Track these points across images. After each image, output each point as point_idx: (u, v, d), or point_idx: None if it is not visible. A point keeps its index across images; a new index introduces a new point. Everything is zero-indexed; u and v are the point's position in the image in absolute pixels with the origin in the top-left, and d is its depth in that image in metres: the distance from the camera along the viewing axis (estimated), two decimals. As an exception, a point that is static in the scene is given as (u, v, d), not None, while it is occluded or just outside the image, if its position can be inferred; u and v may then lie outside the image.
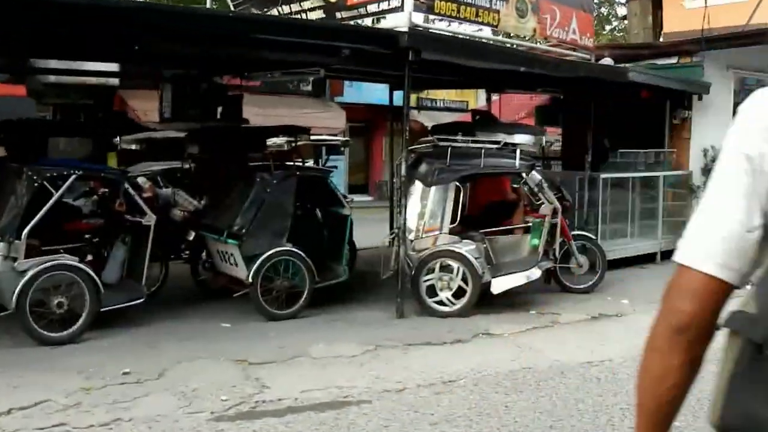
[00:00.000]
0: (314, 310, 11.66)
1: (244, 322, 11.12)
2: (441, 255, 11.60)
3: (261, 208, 11.16)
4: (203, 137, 13.30)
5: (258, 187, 11.23)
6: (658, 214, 16.22)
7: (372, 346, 9.91)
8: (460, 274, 11.53)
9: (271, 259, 11.02)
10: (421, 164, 12.02)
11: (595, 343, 10.31)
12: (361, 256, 15.27)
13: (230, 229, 11.10)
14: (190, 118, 13.35)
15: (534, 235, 12.27)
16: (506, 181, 13.04)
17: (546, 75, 14.10)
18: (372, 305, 12.21)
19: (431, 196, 11.74)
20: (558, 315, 11.85)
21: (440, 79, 15.86)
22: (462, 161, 11.90)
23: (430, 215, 11.71)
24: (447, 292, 11.59)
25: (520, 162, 11.90)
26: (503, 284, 11.77)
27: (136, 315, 10.99)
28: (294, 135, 12.82)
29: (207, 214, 12.03)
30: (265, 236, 11.13)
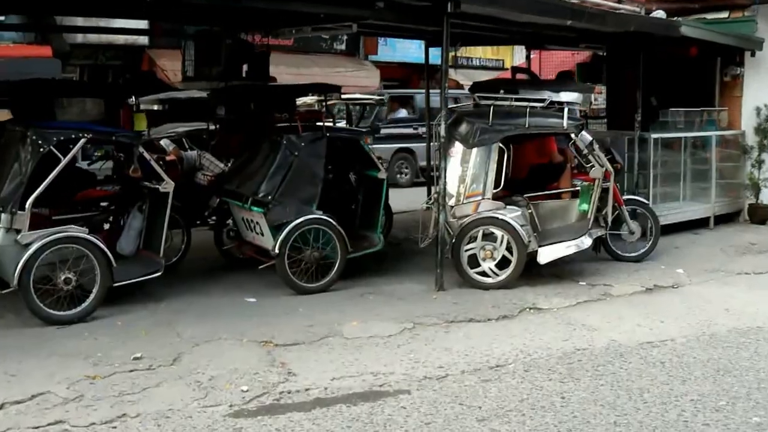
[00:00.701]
0: (347, 283, 10.62)
1: (271, 296, 10.11)
2: (483, 222, 10.50)
3: (288, 173, 10.10)
4: (227, 97, 12.21)
5: (285, 150, 10.16)
6: (710, 176, 14.95)
7: (410, 324, 8.87)
8: (505, 242, 10.44)
9: (299, 228, 9.98)
10: (461, 124, 10.88)
11: (654, 320, 9.22)
12: (397, 220, 14.21)
13: (255, 196, 10.05)
14: (213, 77, 12.29)
15: (583, 200, 11.13)
16: (552, 142, 11.86)
17: (591, 30, 12.91)
18: (409, 277, 11.14)
19: (472, 159, 10.61)
20: (610, 287, 10.73)
21: (478, 34, 14.61)
22: (505, 120, 10.75)
23: (471, 179, 10.59)
24: (490, 262, 10.50)
25: (569, 121, 10.73)
26: (551, 254, 10.66)
27: (155, 289, 10.02)
28: (324, 93, 11.69)
29: (231, 178, 10.96)
30: (293, 203, 10.08)
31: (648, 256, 12.29)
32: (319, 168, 10.32)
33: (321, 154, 10.34)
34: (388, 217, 12.72)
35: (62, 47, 22.81)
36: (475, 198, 10.58)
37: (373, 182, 11.10)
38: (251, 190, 10.15)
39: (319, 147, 10.34)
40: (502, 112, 10.80)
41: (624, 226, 12.04)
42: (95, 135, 9.42)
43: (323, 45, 28.40)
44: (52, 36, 22.56)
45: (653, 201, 13.47)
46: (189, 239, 11.62)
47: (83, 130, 9.27)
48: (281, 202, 9.99)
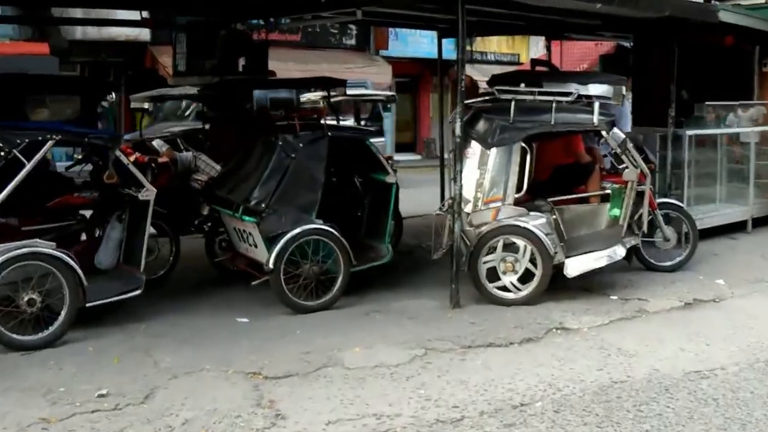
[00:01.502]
0: (351, 299, 9.48)
1: (266, 315, 8.97)
2: (504, 231, 9.34)
3: (284, 178, 8.96)
4: (220, 93, 11.08)
5: (280, 151, 9.02)
6: (749, 176, 13.71)
7: (421, 350, 7.72)
8: (528, 254, 9.29)
9: (296, 239, 8.84)
10: (478, 121, 9.72)
11: (698, 342, 8.08)
12: (408, 226, 13.06)
13: (247, 204, 8.92)
14: (207, 71, 11.19)
15: (614, 205, 9.96)
16: (579, 141, 10.69)
17: (619, 17, 11.76)
18: (421, 291, 9.98)
19: (492, 160, 9.45)
20: (645, 301, 9.56)
21: (495, 23, 13.47)
22: (528, 117, 9.59)
23: (490, 183, 9.43)
24: (512, 275, 9.35)
25: (599, 117, 9.55)
26: (580, 266, 9.50)
27: (137, 307, 8.89)
28: (327, 88, 10.54)
29: (221, 184, 9.82)
30: (290, 212, 8.94)
31: (684, 266, 11.11)
32: (319, 171, 9.17)
33: (321, 155, 9.19)
34: (397, 224, 11.58)
35: (60, 44, 21.87)
36: (495, 204, 9.42)
37: (380, 186, 9.94)
38: (242, 196, 9.02)
39: (320, 148, 9.19)
40: (525, 108, 9.64)
41: (658, 232, 10.88)
42: (65, 137, 8.32)
43: (332, 40, 27.30)
44: (50, 32, 21.65)
45: (687, 203, 12.26)
46: (178, 249, 10.50)
47: (52, 132, 8.16)
48: (276, 210, 8.85)
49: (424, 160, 29.93)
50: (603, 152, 11.25)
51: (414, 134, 33.57)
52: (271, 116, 9.99)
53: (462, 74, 8.99)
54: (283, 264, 8.77)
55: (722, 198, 13.61)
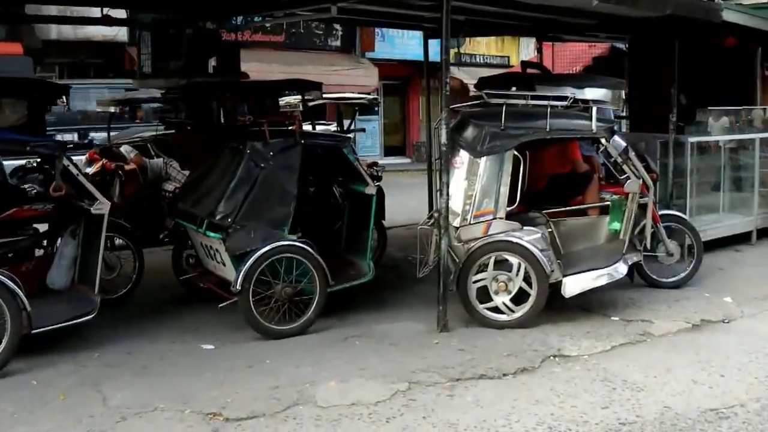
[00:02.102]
0: (329, 321, 8.61)
1: (234, 341, 8.11)
2: (495, 247, 8.49)
3: (252, 189, 8.09)
4: (187, 96, 10.21)
5: (248, 160, 8.15)
6: (753, 185, 12.88)
7: (404, 384, 6.85)
8: (521, 272, 8.44)
9: (267, 257, 7.96)
10: (467, 128, 8.87)
11: (711, 373, 7.25)
12: (395, 236, 12.22)
13: (212, 218, 8.05)
14: (173, 73, 10.31)
15: (614, 217, 9.16)
16: (576, 148, 9.85)
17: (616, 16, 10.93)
18: (405, 313, 9.12)
19: (481, 170, 8.59)
20: (649, 323, 8.73)
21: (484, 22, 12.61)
22: (521, 123, 8.75)
23: (480, 195, 8.57)
24: (504, 295, 8.50)
25: (598, 123, 8.72)
26: (578, 285, 8.65)
27: (93, 330, 8.08)
28: (302, 91, 9.69)
29: (185, 195, 8.94)
30: (259, 227, 8.07)
31: (689, 282, 10.28)
32: (292, 182, 8.29)
33: (294, 165, 8.31)
34: (381, 236, 10.75)
35: (34, 44, 21.02)
36: (485, 217, 8.57)
37: (360, 198, 9.07)
38: (207, 210, 8.14)
39: (292, 156, 8.32)
40: (517, 113, 8.80)
41: (660, 246, 10.02)
42: (4, 145, 7.42)
43: (317, 41, 26.47)
44: (24, 32, 20.77)
45: (689, 214, 11.41)
46: (141, 265, 9.62)
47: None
48: (244, 225, 7.98)
49: (414, 163, 29.21)
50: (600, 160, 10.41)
51: (403, 137, 32.79)
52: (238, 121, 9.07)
53: (447, 76, 8.12)
54: (251, 285, 7.90)
55: (725, 207, 12.76)
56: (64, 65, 23.12)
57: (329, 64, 25.61)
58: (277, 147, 8.25)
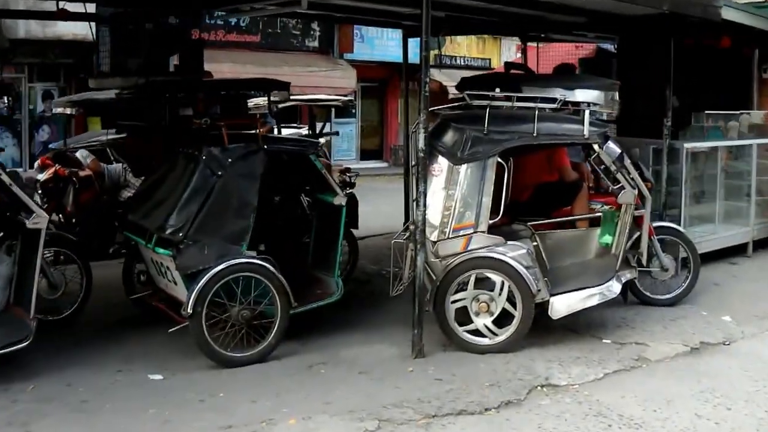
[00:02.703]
0: (292, 346, 7.77)
1: (186, 370, 7.26)
2: (476, 264, 7.69)
3: (207, 200, 7.23)
4: (138, 97, 9.37)
5: (203, 168, 7.29)
6: (750, 193, 12.12)
7: (373, 423, 6.05)
8: (505, 291, 7.64)
9: (222, 277, 7.11)
10: (446, 132, 8.05)
11: (716, 405, 6.56)
12: (369, 246, 11.40)
13: (161, 233, 7.19)
14: (131, 71, 9.47)
15: (605, 230, 8.41)
16: (564, 155, 9.07)
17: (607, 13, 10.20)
18: (377, 335, 8.28)
19: (462, 178, 7.78)
20: (644, 346, 8.00)
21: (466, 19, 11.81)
22: (506, 127, 7.94)
23: (460, 206, 7.75)
24: (486, 317, 7.70)
25: (591, 128, 7.93)
26: (567, 306, 7.87)
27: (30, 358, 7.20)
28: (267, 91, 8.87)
29: (135, 206, 8.08)
30: (214, 243, 7.21)
31: (684, 299, 9.53)
32: (252, 193, 7.43)
33: (255, 173, 7.46)
34: (352, 248, 9.92)
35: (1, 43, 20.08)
36: (466, 231, 7.75)
37: (328, 209, 8.23)
38: (156, 223, 7.29)
39: (253, 163, 7.46)
40: (501, 116, 8.00)
41: (655, 260, 9.23)
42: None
43: (294, 42, 25.62)
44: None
45: (683, 225, 10.65)
46: (89, 282, 8.74)
47: None
48: (197, 241, 7.13)
49: (392, 167, 28.37)
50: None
51: (381, 141, 31.92)
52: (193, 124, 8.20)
53: (427, 75, 7.31)
54: (205, 307, 7.05)
55: (720, 218, 12.00)
56: (33, 65, 22.16)
57: (306, 65, 24.79)
58: (237, 153, 7.39)
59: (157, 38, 9.58)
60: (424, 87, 7.25)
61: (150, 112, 9.22)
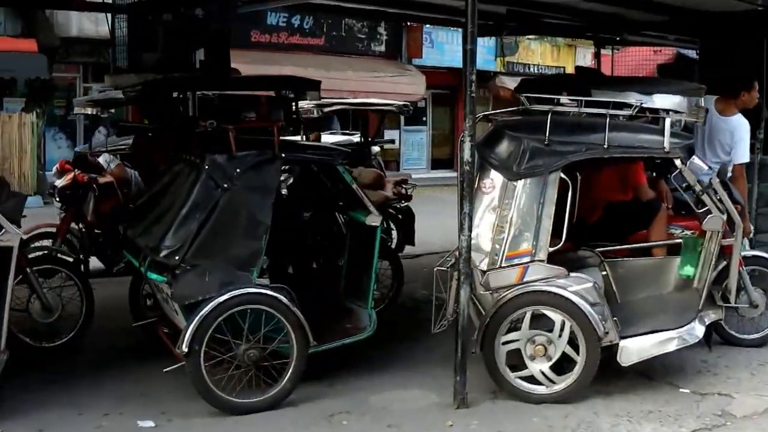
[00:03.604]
0: (312, 388, 6.50)
1: (185, 415, 6.07)
2: (533, 300, 6.36)
3: (210, 217, 6.02)
4: (144, 96, 8.22)
5: (206, 179, 6.07)
6: None
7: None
8: (566, 333, 6.30)
9: (225, 309, 5.88)
10: (500, 141, 6.72)
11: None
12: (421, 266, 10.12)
13: (156, 255, 6.00)
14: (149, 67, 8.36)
15: (687, 260, 6.96)
16: (640, 170, 7.67)
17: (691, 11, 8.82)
18: (416, 377, 6.98)
19: (518, 196, 6.46)
20: (729, 398, 6.61)
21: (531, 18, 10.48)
22: (571, 137, 6.59)
23: (515, 229, 6.43)
24: (543, 362, 6.36)
25: (672, 140, 6.54)
26: (639, 351, 6.48)
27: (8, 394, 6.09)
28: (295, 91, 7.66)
29: (135, 221, 6.89)
30: (217, 268, 5.98)
31: (774, 339, 8.05)
32: (265, 209, 6.17)
33: (268, 185, 6.21)
34: (396, 270, 8.62)
35: (50, 41, 19.36)
36: (521, 259, 6.42)
37: (361, 229, 6.95)
38: (151, 243, 6.10)
39: (266, 174, 6.21)
40: (566, 124, 6.65)
41: (742, 295, 7.72)
42: None
43: (359, 46, 24.46)
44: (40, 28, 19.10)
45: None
46: (91, 305, 7.59)
47: None
48: (195, 265, 5.91)
49: (464, 177, 26.99)
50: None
51: (452, 150, 30.54)
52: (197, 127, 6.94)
53: (472, 72, 6.00)
54: (203, 345, 5.83)
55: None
56: (88, 64, 21.42)
57: (372, 70, 23.63)
58: (247, 162, 6.14)
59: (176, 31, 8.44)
60: (470, 86, 5.94)
61: (155, 112, 8.07)
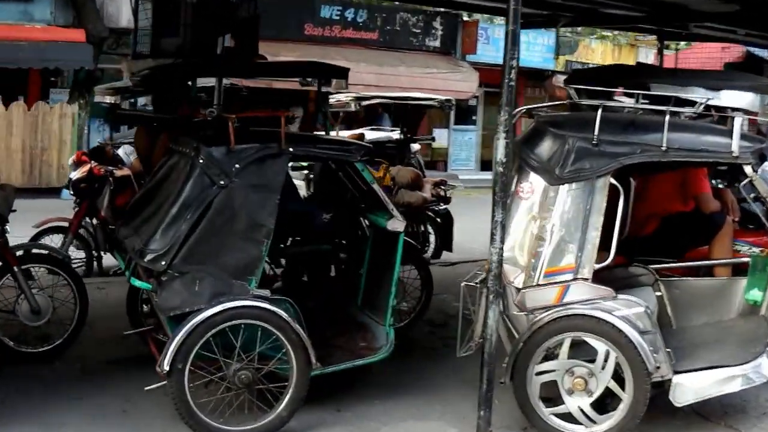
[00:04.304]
0: (317, 413, 5.66)
1: (165, 443, 5.24)
2: (574, 324, 5.41)
3: (203, 218, 5.18)
4: (149, 83, 7.46)
5: (200, 174, 5.23)
6: None
7: None
8: (610, 365, 5.36)
9: (215, 323, 5.05)
10: (542, 140, 5.78)
11: None
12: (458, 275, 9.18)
13: (139, 259, 5.19)
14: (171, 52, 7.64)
15: (754, 282, 5.93)
16: (703, 178, 6.70)
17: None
18: (436, 405, 6.07)
19: (561, 204, 5.53)
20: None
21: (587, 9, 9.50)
22: (624, 136, 5.62)
23: (556, 241, 5.50)
24: (583, 397, 5.42)
25: (742, 143, 5.55)
26: (694, 389, 5.48)
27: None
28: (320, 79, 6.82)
29: (127, 219, 6.08)
30: (209, 276, 5.14)
31: None
32: (267, 210, 5.29)
33: (272, 184, 5.34)
34: (425, 280, 7.70)
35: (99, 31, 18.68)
36: (562, 276, 5.48)
37: (382, 234, 6.06)
38: (137, 246, 5.28)
39: (270, 171, 5.34)
40: (619, 122, 5.73)
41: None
42: None
43: (414, 41, 23.50)
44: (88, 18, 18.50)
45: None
46: (85, 307, 6.79)
47: None
48: (184, 272, 5.08)
49: (513, 179, 25.98)
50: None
51: (503, 151, 29.53)
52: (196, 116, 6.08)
53: (514, 56, 5.09)
54: (188, 363, 5.00)
55: None
56: (136, 56, 20.87)
57: (425, 66, 22.68)
58: (248, 156, 5.27)
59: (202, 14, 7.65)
60: (509, 72, 5.02)
61: (162, 100, 7.29)
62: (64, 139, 17.95)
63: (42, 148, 17.81)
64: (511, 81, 5.04)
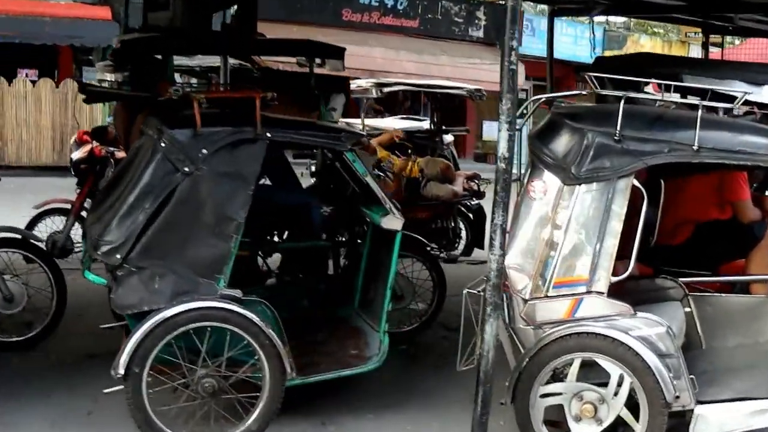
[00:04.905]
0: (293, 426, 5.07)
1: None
2: (584, 344, 4.74)
3: (164, 209, 4.61)
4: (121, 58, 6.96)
5: (161, 160, 4.64)
6: None
7: None
8: (624, 391, 4.68)
9: (176, 325, 4.48)
10: (558, 134, 5.09)
11: None
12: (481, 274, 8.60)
13: (94, 251, 4.63)
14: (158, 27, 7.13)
15: (795, 301, 5.27)
16: (742, 182, 5.98)
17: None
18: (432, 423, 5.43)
19: (576, 206, 4.84)
20: None
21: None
22: (650, 132, 4.90)
23: (569, 248, 4.83)
24: (591, 425, 4.75)
25: (786, 144, 4.84)
26: (720, 423, 4.76)
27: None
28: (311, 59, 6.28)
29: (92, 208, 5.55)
30: (171, 273, 4.57)
31: None
32: (239, 201, 4.70)
33: (245, 172, 4.73)
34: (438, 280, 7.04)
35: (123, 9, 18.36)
36: (574, 288, 4.80)
37: (378, 231, 5.43)
38: (93, 236, 4.72)
39: (243, 158, 4.73)
40: (646, 115, 5.03)
41: None
42: None
43: (456, 30, 22.87)
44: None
45: None
46: (63, 294, 6.29)
47: None
48: (142, 268, 4.51)
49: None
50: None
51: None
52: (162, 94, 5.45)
53: (513, 36, 4.42)
54: (146, 367, 4.44)
55: None
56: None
57: (467, 56, 22.04)
58: (217, 141, 4.66)
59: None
60: (509, 54, 4.36)
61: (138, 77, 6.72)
62: (95, 117, 17.59)
63: (72, 126, 17.52)
64: (512, 64, 4.38)
